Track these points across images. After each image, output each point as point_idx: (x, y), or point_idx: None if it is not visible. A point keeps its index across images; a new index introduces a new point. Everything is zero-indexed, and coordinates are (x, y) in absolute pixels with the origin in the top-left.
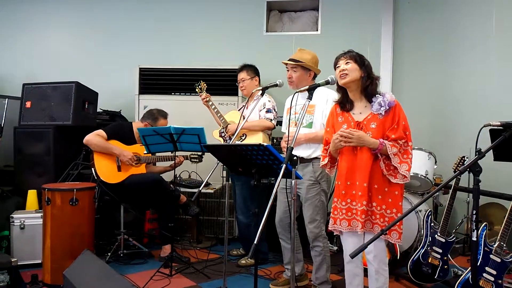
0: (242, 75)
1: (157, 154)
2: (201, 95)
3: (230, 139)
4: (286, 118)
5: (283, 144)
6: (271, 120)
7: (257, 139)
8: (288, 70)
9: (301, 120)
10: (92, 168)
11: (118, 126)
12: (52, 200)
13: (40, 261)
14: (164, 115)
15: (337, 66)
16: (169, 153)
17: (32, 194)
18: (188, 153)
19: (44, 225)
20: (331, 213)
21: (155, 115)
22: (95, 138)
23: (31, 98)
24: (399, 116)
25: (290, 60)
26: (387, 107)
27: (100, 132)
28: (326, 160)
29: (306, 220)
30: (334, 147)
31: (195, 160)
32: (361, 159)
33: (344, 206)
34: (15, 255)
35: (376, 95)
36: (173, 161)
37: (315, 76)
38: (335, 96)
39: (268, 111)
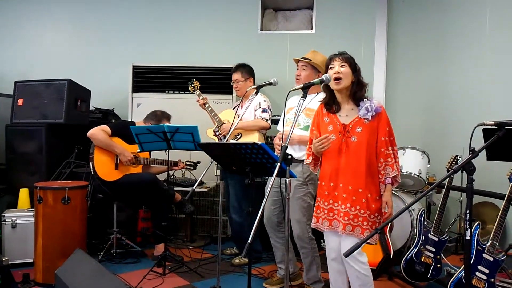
0: (236, 76)
1: (156, 157)
2: (199, 101)
3: (225, 137)
4: (283, 117)
5: (276, 141)
6: (267, 120)
7: (252, 138)
8: (297, 68)
9: (296, 119)
10: (90, 163)
11: (122, 124)
12: (44, 198)
13: (32, 260)
14: (167, 117)
15: (331, 66)
16: (166, 158)
17: (23, 193)
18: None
19: (36, 224)
20: (313, 212)
21: (159, 116)
22: (100, 133)
23: (23, 96)
24: (384, 124)
25: (302, 58)
26: (374, 113)
27: (105, 127)
28: (311, 158)
29: (292, 221)
30: (315, 150)
31: (190, 167)
32: (346, 162)
33: (326, 207)
34: (6, 254)
35: (364, 100)
36: (171, 165)
37: None
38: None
39: (264, 111)
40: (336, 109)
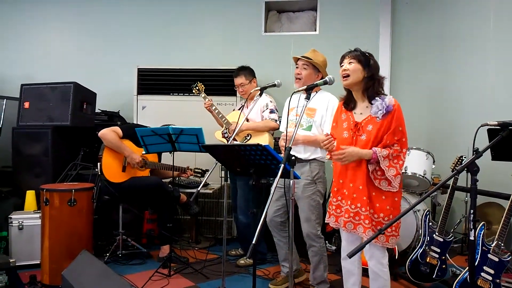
0: (240, 80)
1: (164, 162)
2: (204, 103)
3: (234, 139)
4: (286, 118)
5: (282, 143)
6: (276, 120)
7: (262, 139)
8: (297, 67)
9: (299, 121)
10: (98, 163)
11: (133, 127)
12: (50, 200)
13: (39, 262)
14: None
15: (342, 65)
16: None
17: (30, 195)
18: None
19: (43, 225)
20: (327, 208)
21: None
22: (110, 134)
23: (29, 99)
24: (396, 122)
25: (303, 57)
26: (385, 112)
27: (116, 129)
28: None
29: (302, 219)
30: (324, 149)
31: (198, 175)
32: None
33: (335, 203)
34: (13, 256)
35: (376, 98)
36: (179, 171)
37: (321, 79)
38: (336, 102)
39: (271, 111)
40: (353, 107)
